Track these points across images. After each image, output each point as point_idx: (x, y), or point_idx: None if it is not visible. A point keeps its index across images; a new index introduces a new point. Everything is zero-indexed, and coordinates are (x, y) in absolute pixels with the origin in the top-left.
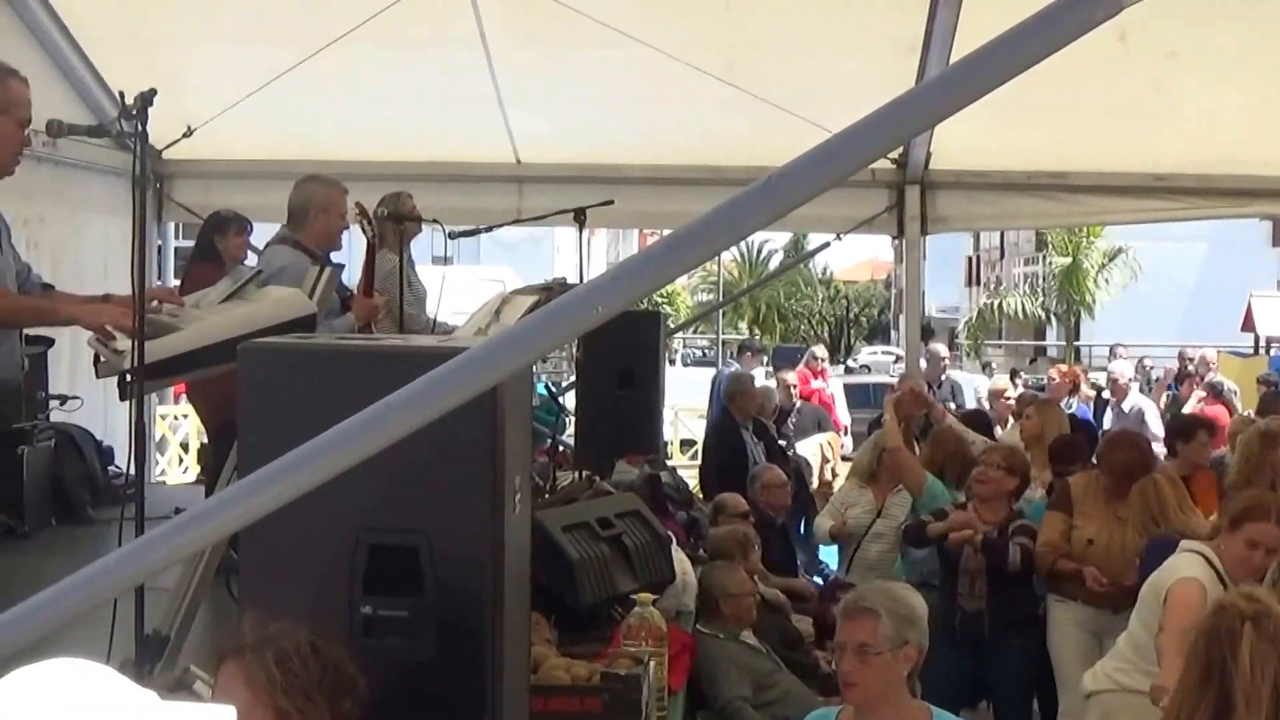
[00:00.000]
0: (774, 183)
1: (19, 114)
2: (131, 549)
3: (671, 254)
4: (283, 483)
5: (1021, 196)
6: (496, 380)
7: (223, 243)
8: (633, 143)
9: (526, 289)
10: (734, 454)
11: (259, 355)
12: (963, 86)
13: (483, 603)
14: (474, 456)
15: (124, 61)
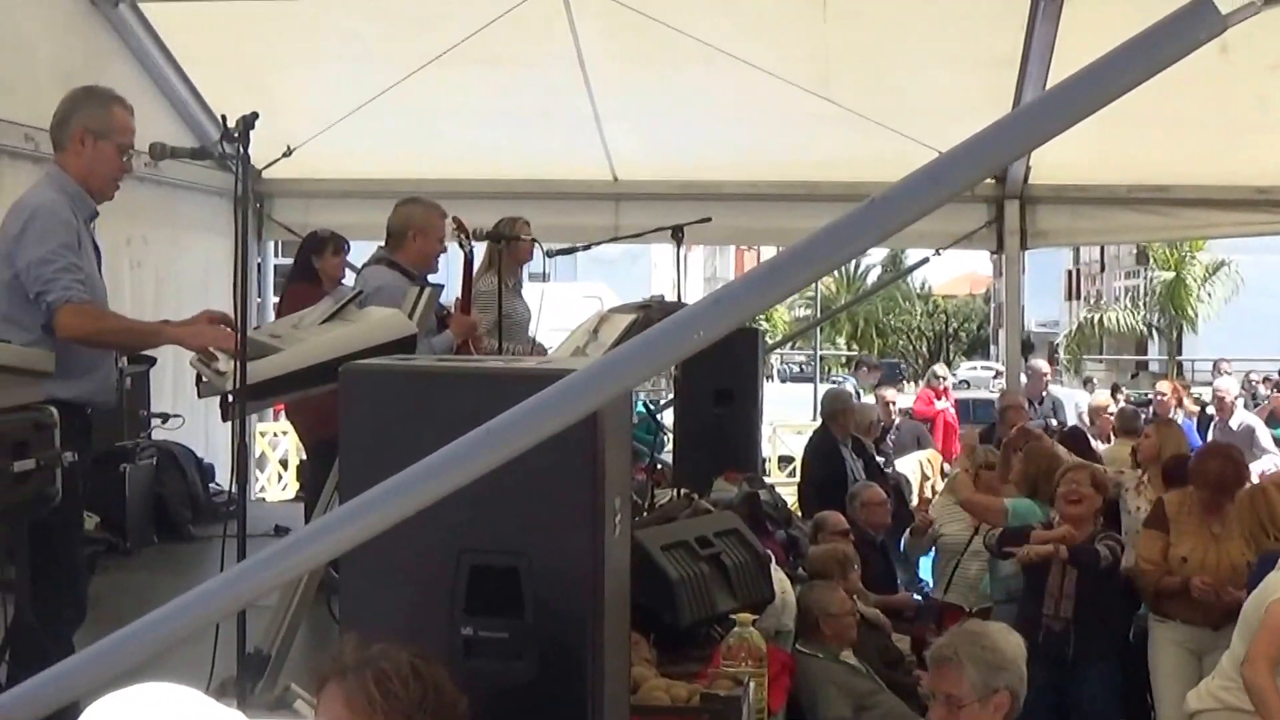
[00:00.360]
0: (877, 205)
1: (120, 140)
2: (237, 572)
3: (773, 278)
4: (386, 507)
5: (1122, 211)
6: (598, 406)
7: (320, 262)
8: (729, 159)
9: (624, 307)
10: (833, 471)
11: (360, 377)
12: (1065, 108)
13: (583, 624)
14: (575, 477)
15: (225, 83)
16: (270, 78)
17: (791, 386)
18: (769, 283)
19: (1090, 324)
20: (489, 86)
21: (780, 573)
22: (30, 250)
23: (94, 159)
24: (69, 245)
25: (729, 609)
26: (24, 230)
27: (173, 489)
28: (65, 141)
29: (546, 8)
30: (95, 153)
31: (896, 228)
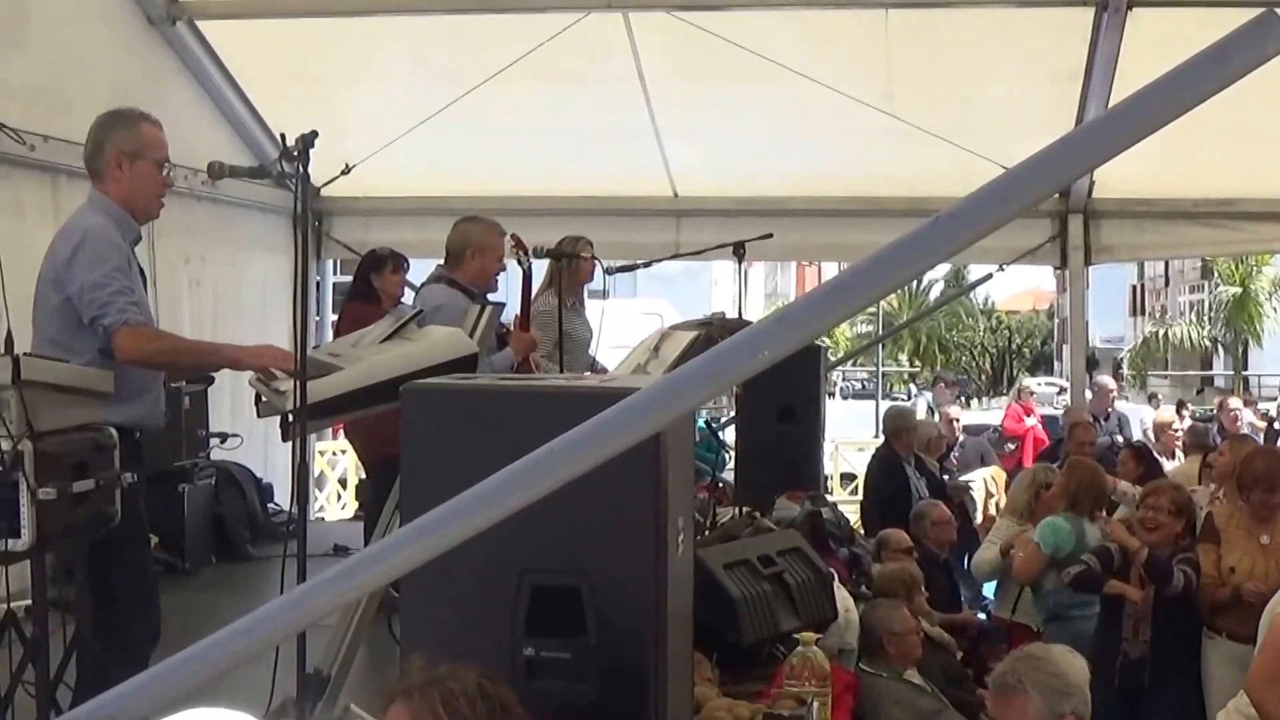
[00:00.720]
0: (941, 223)
1: (155, 155)
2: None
3: (837, 297)
4: (448, 528)
5: (1188, 224)
6: (661, 425)
7: (379, 280)
8: (790, 174)
9: (685, 325)
10: (896, 489)
11: (422, 396)
12: (1132, 124)
13: (646, 644)
14: (637, 496)
15: (283, 100)
16: (328, 95)
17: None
18: (834, 301)
19: (1155, 339)
20: (548, 103)
21: (843, 591)
22: (83, 275)
23: (134, 180)
24: (121, 269)
25: (792, 628)
26: (74, 255)
27: (231, 509)
28: (103, 169)
29: (606, 24)
30: (134, 174)
31: (962, 245)
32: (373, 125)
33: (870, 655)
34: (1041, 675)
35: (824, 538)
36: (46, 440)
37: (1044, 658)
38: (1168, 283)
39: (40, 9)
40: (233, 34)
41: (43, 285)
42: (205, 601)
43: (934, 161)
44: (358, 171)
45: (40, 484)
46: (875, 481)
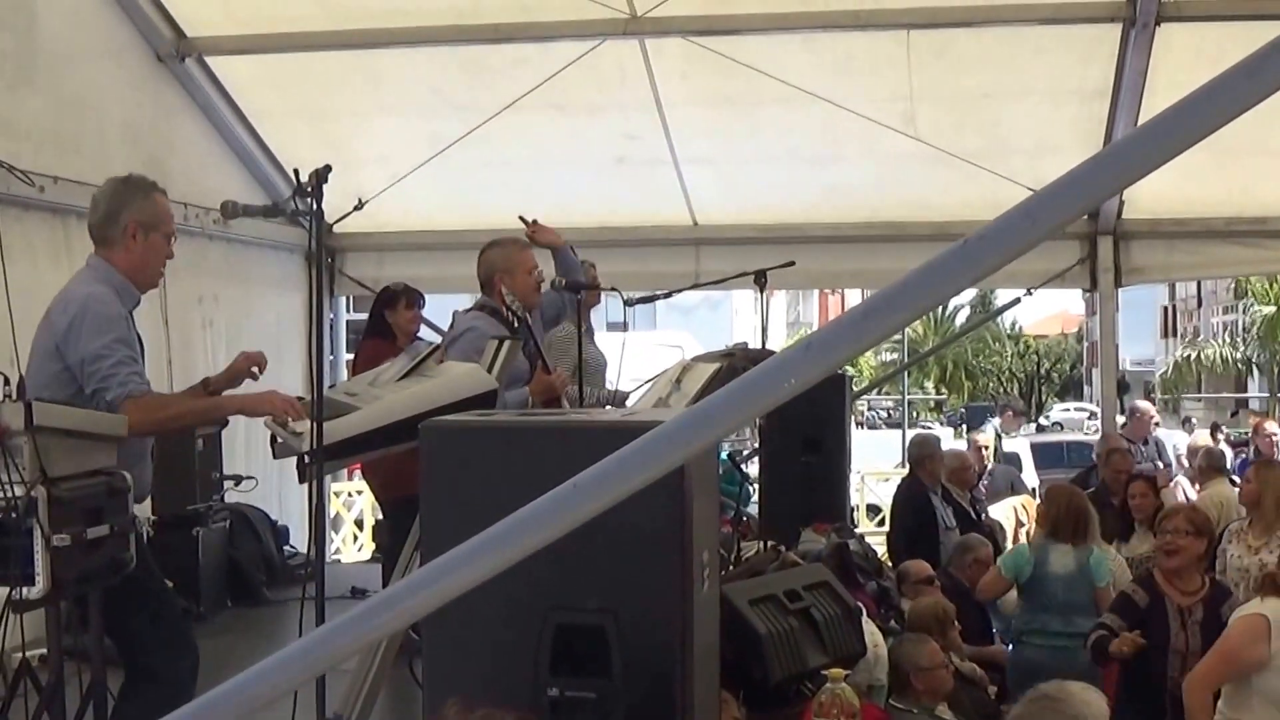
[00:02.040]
0: (970, 247)
1: (167, 229)
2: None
3: (864, 323)
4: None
5: (1220, 244)
6: (686, 458)
7: (394, 317)
8: (812, 201)
9: (707, 356)
10: (923, 520)
11: (441, 433)
12: (1163, 141)
13: (672, 683)
14: (662, 533)
15: (293, 136)
16: (339, 129)
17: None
18: (861, 327)
19: (1187, 361)
20: (564, 132)
21: (872, 625)
22: (84, 345)
23: (146, 253)
24: (122, 338)
25: (819, 664)
26: (73, 324)
27: (246, 552)
28: (116, 238)
29: (622, 51)
30: (148, 246)
31: (991, 269)
32: (385, 159)
33: (900, 692)
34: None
35: (851, 571)
36: (60, 486)
37: (1062, 698)
38: (1200, 303)
39: (48, 49)
40: (242, 70)
41: (39, 354)
42: (221, 646)
43: (959, 185)
44: (370, 206)
45: (54, 530)
46: (901, 512)
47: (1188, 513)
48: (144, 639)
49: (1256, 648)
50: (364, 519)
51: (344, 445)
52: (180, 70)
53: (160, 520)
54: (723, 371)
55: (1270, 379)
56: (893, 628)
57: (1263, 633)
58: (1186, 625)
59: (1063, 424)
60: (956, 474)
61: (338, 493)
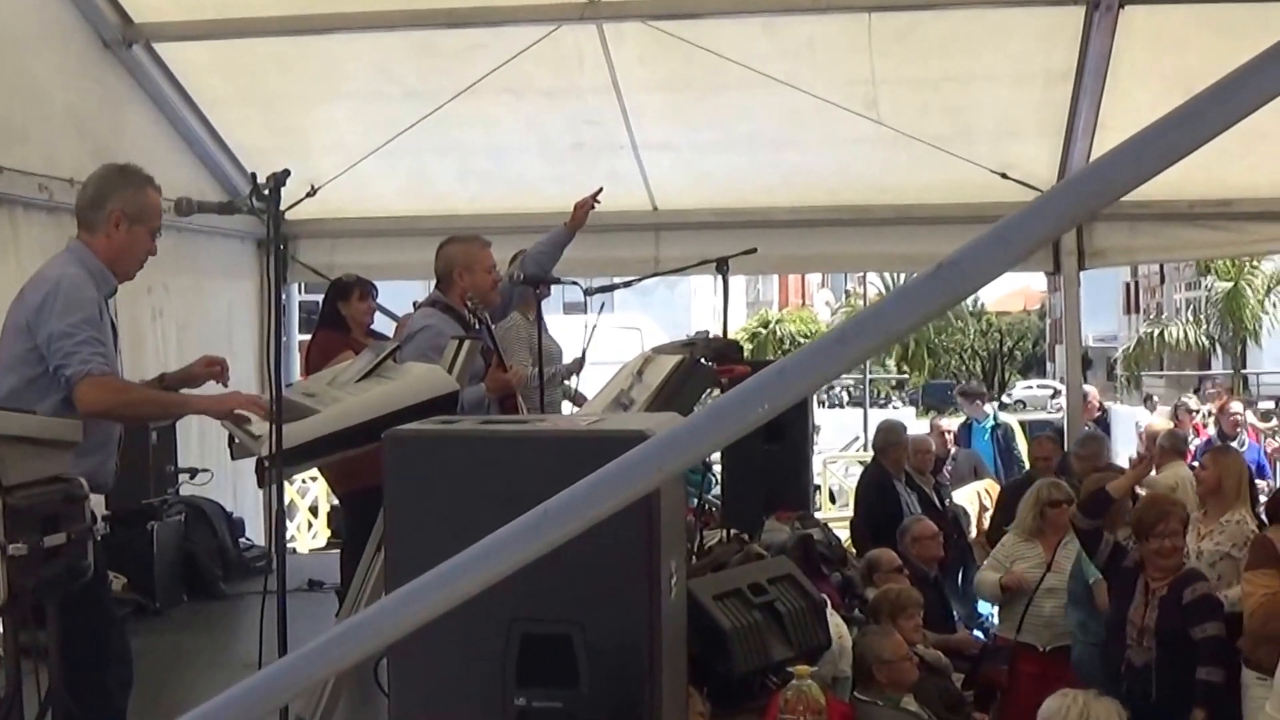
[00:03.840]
0: (946, 269)
1: (152, 224)
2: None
3: (841, 347)
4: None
5: (1183, 227)
6: (659, 483)
7: (348, 309)
8: (773, 185)
9: (668, 347)
10: (887, 507)
11: (405, 441)
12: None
13: (640, 691)
14: (629, 543)
15: (244, 123)
16: (291, 116)
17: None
18: (836, 352)
19: (1150, 338)
20: (521, 118)
21: (836, 617)
22: (52, 323)
23: (127, 243)
24: (91, 320)
25: (784, 657)
26: (45, 302)
27: (202, 546)
28: (98, 223)
29: (580, 35)
30: (129, 237)
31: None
32: (338, 145)
33: (864, 684)
34: None
35: (815, 562)
36: (16, 494)
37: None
38: (1163, 280)
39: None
40: (191, 56)
41: (9, 331)
42: (178, 642)
43: (921, 168)
44: (324, 193)
45: (10, 539)
46: (866, 500)
47: (1178, 513)
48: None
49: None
50: (319, 506)
51: (303, 449)
52: (128, 57)
53: (115, 515)
54: (684, 363)
55: (1234, 356)
56: (857, 618)
57: None
58: (1148, 602)
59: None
60: (914, 458)
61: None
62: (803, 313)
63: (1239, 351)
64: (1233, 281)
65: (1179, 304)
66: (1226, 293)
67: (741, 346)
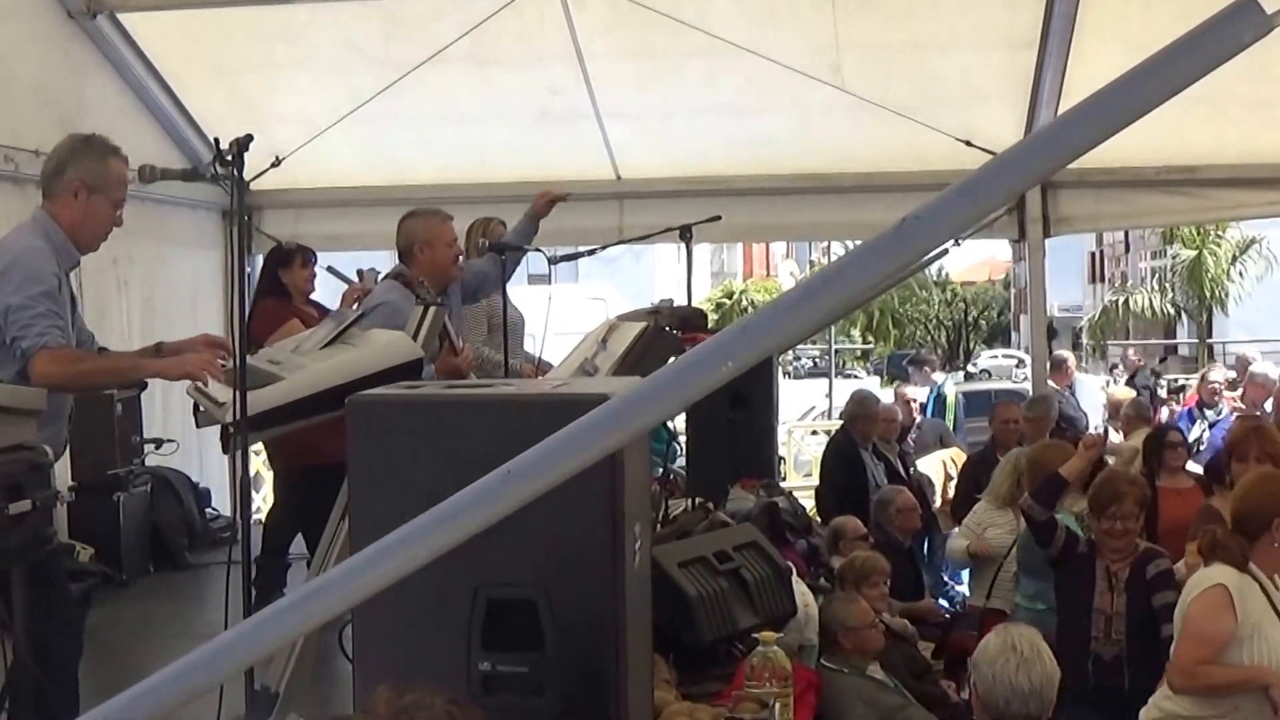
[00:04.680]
0: (909, 226)
1: (115, 195)
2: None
3: (802, 306)
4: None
5: (1149, 193)
6: (622, 443)
7: (289, 276)
8: (737, 153)
9: (632, 315)
10: (853, 476)
11: (368, 407)
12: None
13: (605, 655)
14: (593, 506)
15: (209, 93)
16: (255, 86)
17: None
18: (798, 311)
19: (1115, 307)
20: (484, 87)
21: (802, 585)
22: (9, 295)
23: (86, 213)
24: (49, 293)
25: (750, 625)
26: (3, 276)
27: (168, 516)
28: (58, 191)
29: (542, 4)
30: (88, 207)
31: (930, 248)
32: (302, 115)
33: (830, 651)
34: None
35: (781, 529)
36: None
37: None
38: (1128, 249)
39: None
40: (155, 26)
41: None
42: (144, 612)
43: (885, 135)
44: (288, 163)
45: None
46: (832, 469)
47: (1135, 494)
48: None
49: (1226, 621)
50: None
51: (268, 416)
52: (91, 27)
53: (80, 486)
54: (648, 330)
55: (1200, 325)
56: (823, 586)
57: (1225, 604)
58: (1114, 587)
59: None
60: (883, 428)
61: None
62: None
63: (1205, 320)
64: (1197, 250)
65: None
66: (1191, 261)
67: (706, 314)
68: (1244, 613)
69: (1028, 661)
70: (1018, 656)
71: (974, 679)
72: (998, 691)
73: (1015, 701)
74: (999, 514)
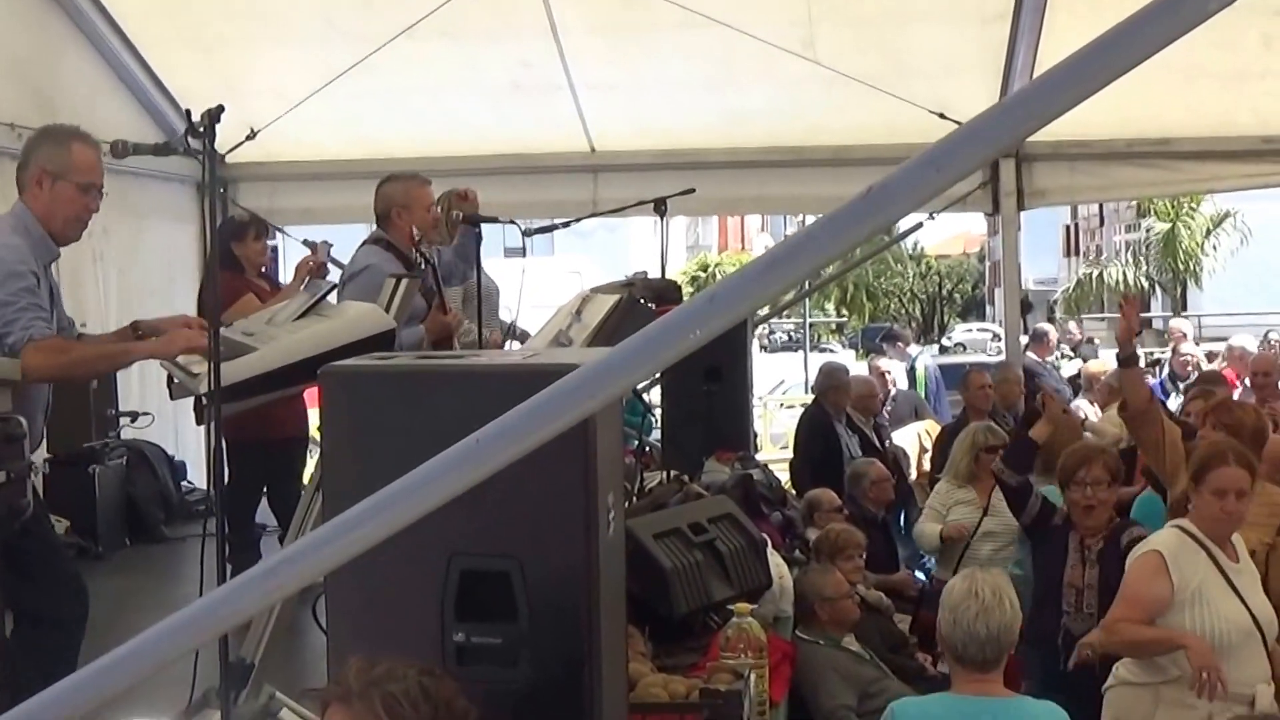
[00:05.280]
0: (875, 194)
1: (80, 179)
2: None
3: (770, 273)
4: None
5: (1122, 166)
6: (591, 411)
7: (242, 249)
8: (711, 126)
9: (606, 287)
10: (827, 448)
11: (341, 378)
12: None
13: (579, 626)
14: (566, 476)
15: (183, 65)
16: (231, 59)
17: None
18: (765, 278)
19: (1089, 280)
20: (458, 60)
21: (777, 557)
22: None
23: (53, 200)
24: (29, 288)
25: (725, 597)
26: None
27: (144, 489)
28: (26, 183)
29: None
30: (53, 194)
31: (895, 218)
32: (278, 88)
33: (806, 623)
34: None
35: (756, 501)
36: None
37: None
38: (1103, 222)
39: None
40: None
41: None
42: (121, 585)
43: (859, 108)
44: (263, 136)
45: None
46: (805, 441)
47: (1105, 460)
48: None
49: (1159, 585)
50: None
51: (242, 387)
52: (67, 1)
53: (56, 459)
54: (622, 302)
55: (1174, 298)
56: (798, 558)
57: (1159, 569)
58: (1085, 559)
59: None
60: (861, 401)
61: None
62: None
63: (1179, 293)
64: (1171, 223)
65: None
66: (1165, 234)
67: (680, 287)
68: (1181, 578)
69: (987, 609)
70: (978, 603)
71: (939, 617)
72: (957, 635)
73: (972, 646)
74: (962, 492)
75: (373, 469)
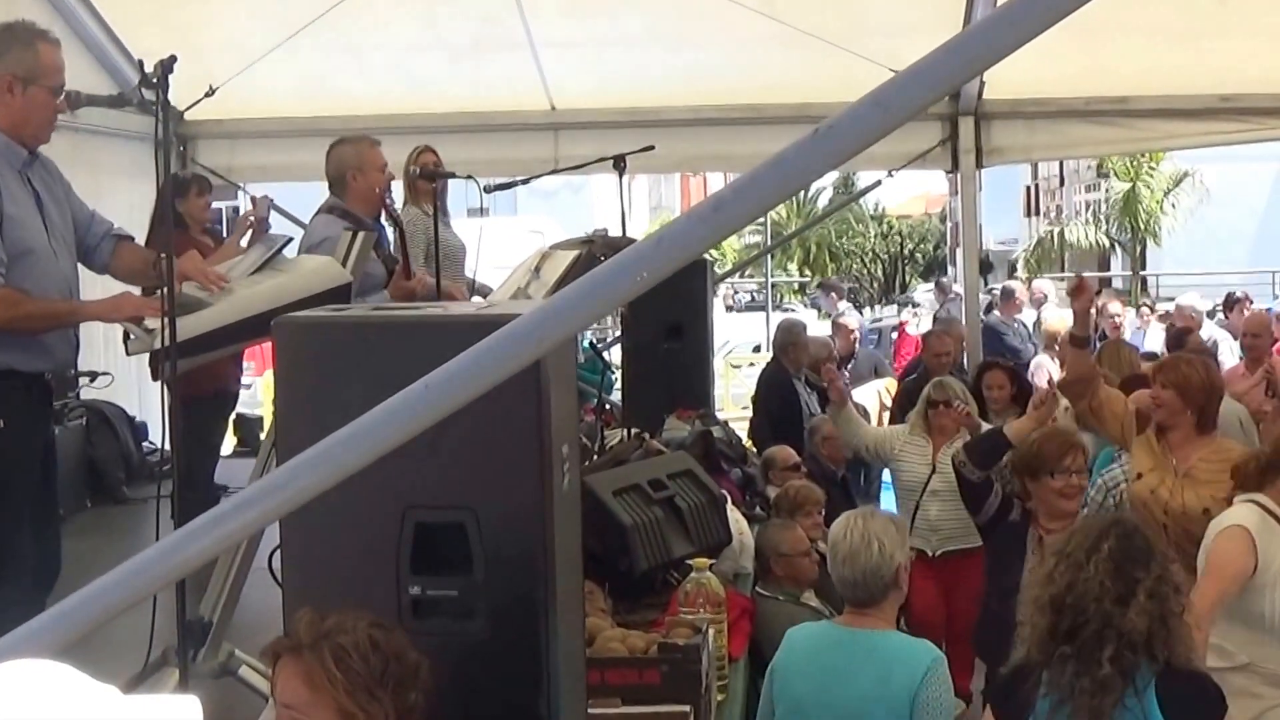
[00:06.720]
0: (823, 134)
1: (50, 82)
2: (173, 541)
3: (717, 214)
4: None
5: (1080, 124)
6: (540, 354)
7: (185, 205)
8: (672, 84)
9: (566, 243)
10: (786, 406)
11: (294, 329)
12: (1019, 24)
13: (534, 578)
14: (519, 427)
15: (140, 20)
16: (188, 14)
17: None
18: (713, 219)
19: (1050, 238)
20: (418, 16)
21: (737, 513)
22: None
23: (26, 107)
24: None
25: (685, 553)
26: None
27: (104, 450)
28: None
29: None
30: (26, 101)
31: (843, 158)
32: (236, 45)
33: (765, 578)
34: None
35: (716, 458)
36: None
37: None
38: (1063, 182)
39: None
40: None
41: None
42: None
43: (819, 66)
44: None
45: None
46: (764, 398)
47: (1082, 448)
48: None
49: (1246, 561)
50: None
51: (197, 342)
52: None
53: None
54: (582, 258)
55: (1133, 257)
56: (758, 515)
57: (1250, 546)
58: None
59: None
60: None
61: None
62: None
63: (1139, 253)
64: (1131, 183)
65: (1079, 206)
66: (1125, 194)
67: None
68: (1265, 558)
69: (854, 553)
70: (846, 547)
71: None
72: (834, 575)
73: (844, 587)
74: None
75: (326, 420)
